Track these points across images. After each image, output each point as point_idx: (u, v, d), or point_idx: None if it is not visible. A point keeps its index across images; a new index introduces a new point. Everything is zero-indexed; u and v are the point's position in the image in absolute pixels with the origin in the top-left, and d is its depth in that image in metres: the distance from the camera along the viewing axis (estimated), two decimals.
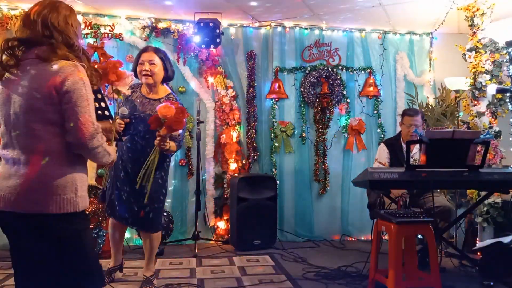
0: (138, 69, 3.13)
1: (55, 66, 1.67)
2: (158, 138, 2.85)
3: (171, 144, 2.96)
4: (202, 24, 4.63)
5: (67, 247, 1.71)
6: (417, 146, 3.68)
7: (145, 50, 3.19)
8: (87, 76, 1.73)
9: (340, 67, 5.20)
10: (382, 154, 4.02)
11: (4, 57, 1.69)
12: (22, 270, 1.77)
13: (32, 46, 1.71)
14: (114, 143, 2.06)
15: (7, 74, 1.71)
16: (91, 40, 4.65)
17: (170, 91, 3.23)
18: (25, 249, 1.73)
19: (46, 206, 1.66)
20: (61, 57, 1.69)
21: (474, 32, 4.20)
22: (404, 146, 3.77)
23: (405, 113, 4.01)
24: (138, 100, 3.14)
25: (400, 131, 4.12)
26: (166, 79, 3.24)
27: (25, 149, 1.68)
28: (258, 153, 5.09)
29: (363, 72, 5.26)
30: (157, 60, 3.11)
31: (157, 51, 3.18)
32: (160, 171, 3.11)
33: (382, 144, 4.16)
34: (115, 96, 2.18)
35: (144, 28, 4.80)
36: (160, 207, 3.19)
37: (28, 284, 1.77)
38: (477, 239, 4.09)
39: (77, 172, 1.75)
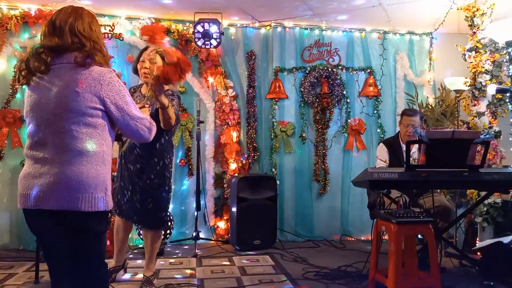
0: (138, 67, 3.16)
1: (94, 73, 1.74)
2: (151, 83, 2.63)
3: (170, 108, 2.83)
4: (202, 24, 4.63)
5: (90, 244, 1.77)
6: (416, 145, 3.68)
7: (147, 48, 3.19)
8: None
9: (340, 67, 5.21)
10: (382, 153, 4.03)
11: (32, 63, 1.75)
12: (51, 266, 1.83)
13: (62, 53, 1.76)
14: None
15: (36, 78, 1.76)
16: None
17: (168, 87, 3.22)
18: (52, 246, 1.78)
19: (77, 204, 1.69)
20: (97, 63, 1.77)
21: (474, 32, 4.20)
22: (403, 145, 3.78)
23: (404, 113, 4.03)
24: (138, 100, 3.15)
25: (399, 131, 4.12)
26: None
27: (61, 148, 1.71)
28: (258, 153, 5.10)
29: (363, 72, 5.26)
30: (158, 59, 3.12)
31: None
32: (161, 168, 3.12)
33: (381, 144, 4.16)
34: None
35: None
36: (163, 204, 3.17)
37: (60, 281, 1.82)
38: (477, 239, 4.09)
39: (107, 171, 1.81)
